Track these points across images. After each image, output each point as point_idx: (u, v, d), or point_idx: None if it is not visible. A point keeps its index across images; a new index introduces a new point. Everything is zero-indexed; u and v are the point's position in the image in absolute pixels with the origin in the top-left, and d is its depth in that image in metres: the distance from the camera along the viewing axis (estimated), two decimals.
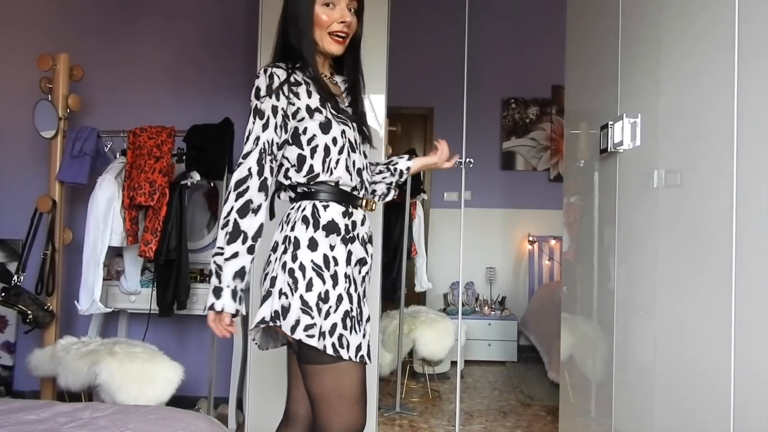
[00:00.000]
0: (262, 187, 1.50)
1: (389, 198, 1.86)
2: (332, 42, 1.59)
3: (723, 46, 1.28)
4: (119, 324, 3.52)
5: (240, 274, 1.47)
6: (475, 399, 3.95)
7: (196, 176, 3.02)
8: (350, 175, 1.57)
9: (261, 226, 1.50)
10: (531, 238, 5.34)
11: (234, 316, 1.49)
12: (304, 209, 1.56)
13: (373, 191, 1.81)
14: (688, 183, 1.45)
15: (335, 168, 1.56)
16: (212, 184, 3.48)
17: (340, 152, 1.56)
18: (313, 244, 1.53)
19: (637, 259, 1.75)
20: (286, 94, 1.53)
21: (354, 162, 1.58)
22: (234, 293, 1.47)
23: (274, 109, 1.52)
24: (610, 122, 1.86)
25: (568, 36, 2.54)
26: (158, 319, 3.10)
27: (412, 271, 4.11)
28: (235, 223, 1.47)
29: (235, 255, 1.47)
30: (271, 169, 1.53)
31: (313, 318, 1.49)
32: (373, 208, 1.66)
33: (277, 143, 1.54)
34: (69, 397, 2.78)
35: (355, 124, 1.61)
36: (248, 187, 1.49)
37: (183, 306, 3.05)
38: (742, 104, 1.21)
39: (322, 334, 1.49)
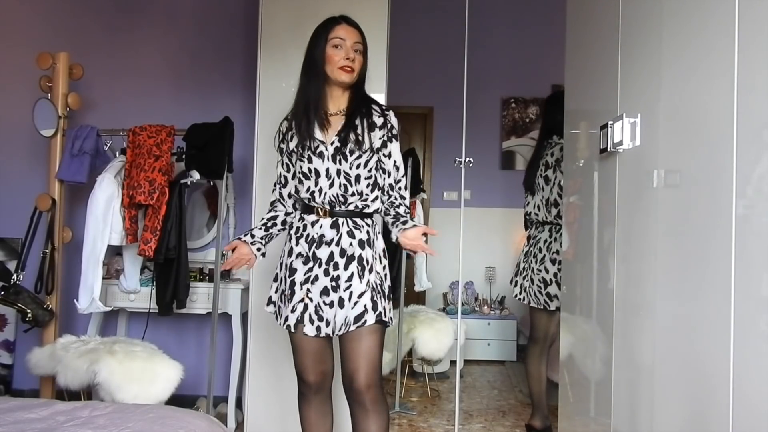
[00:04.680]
0: (277, 202, 2.24)
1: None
2: (342, 73, 2.02)
3: (723, 46, 1.28)
4: (119, 323, 3.52)
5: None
6: (475, 398, 3.95)
7: (196, 175, 3.02)
8: (300, 192, 2.09)
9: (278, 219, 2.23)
10: None
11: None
12: None
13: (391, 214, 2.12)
14: (688, 183, 1.45)
15: (291, 185, 2.19)
16: (212, 183, 3.47)
17: (293, 178, 2.15)
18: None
19: (637, 259, 1.75)
20: (285, 141, 2.16)
21: (308, 186, 2.05)
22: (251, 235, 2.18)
23: (281, 151, 2.19)
24: (610, 122, 1.86)
25: (568, 36, 2.54)
26: (158, 318, 3.10)
27: (411, 271, 4.11)
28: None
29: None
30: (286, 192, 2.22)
31: (270, 291, 2.18)
32: (326, 214, 2.04)
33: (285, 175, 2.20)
34: (68, 395, 2.78)
35: (329, 152, 2.02)
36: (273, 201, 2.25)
37: (182, 305, 3.05)
38: (742, 104, 1.21)
39: (273, 303, 2.16)
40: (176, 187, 2.99)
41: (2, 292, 2.90)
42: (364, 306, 1.97)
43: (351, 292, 1.99)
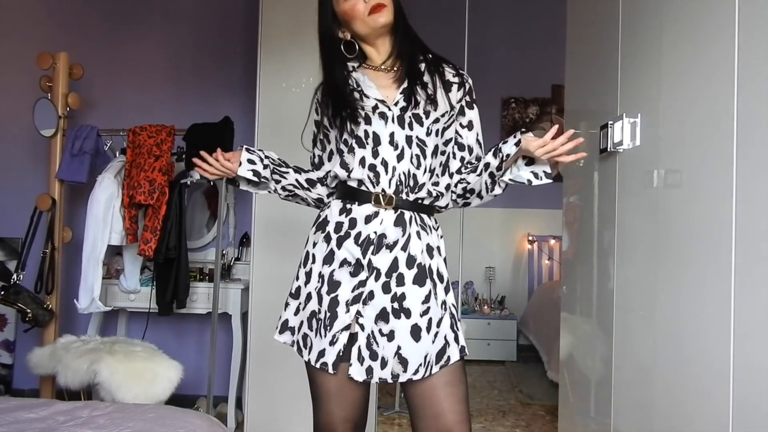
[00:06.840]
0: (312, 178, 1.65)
1: (491, 193, 1.58)
2: (375, 17, 1.47)
3: (723, 46, 1.28)
4: (119, 323, 3.52)
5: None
6: (475, 398, 3.95)
7: (196, 175, 3.02)
8: (349, 170, 1.48)
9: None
10: (530, 238, 5.34)
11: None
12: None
13: (470, 190, 1.61)
14: (688, 183, 1.45)
15: (331, 164, 1.57)
16: (212, 183, 3.47)
17: (330, 159, 1.59)
18: (307, 242, 1.58)
19: (637, 259, 1.75)
20: (322, 110, 1.60)
21: (362, 158, 1.46)
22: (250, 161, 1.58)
23: (317, 124, 1.63)
24: (610, 122, 1.86)
25: (568, 36, 2.54)
26: (158, 317, 3.10)
27: None
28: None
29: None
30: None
31: (284, 312, 1.57)
32: (391, 203, 1.46)
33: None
34: (68, 395, 2.78)
35: (394, 113, 1.47)
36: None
37: (182, 305, 3.05)
38: (742, 104, 1.21)
39: (290, 329, 1.55)
40: (176, 187, 2.99)
41: (2, 292, 2.90)
42: (445, 337, 1.46)
43: (430, 319, 1.45)
